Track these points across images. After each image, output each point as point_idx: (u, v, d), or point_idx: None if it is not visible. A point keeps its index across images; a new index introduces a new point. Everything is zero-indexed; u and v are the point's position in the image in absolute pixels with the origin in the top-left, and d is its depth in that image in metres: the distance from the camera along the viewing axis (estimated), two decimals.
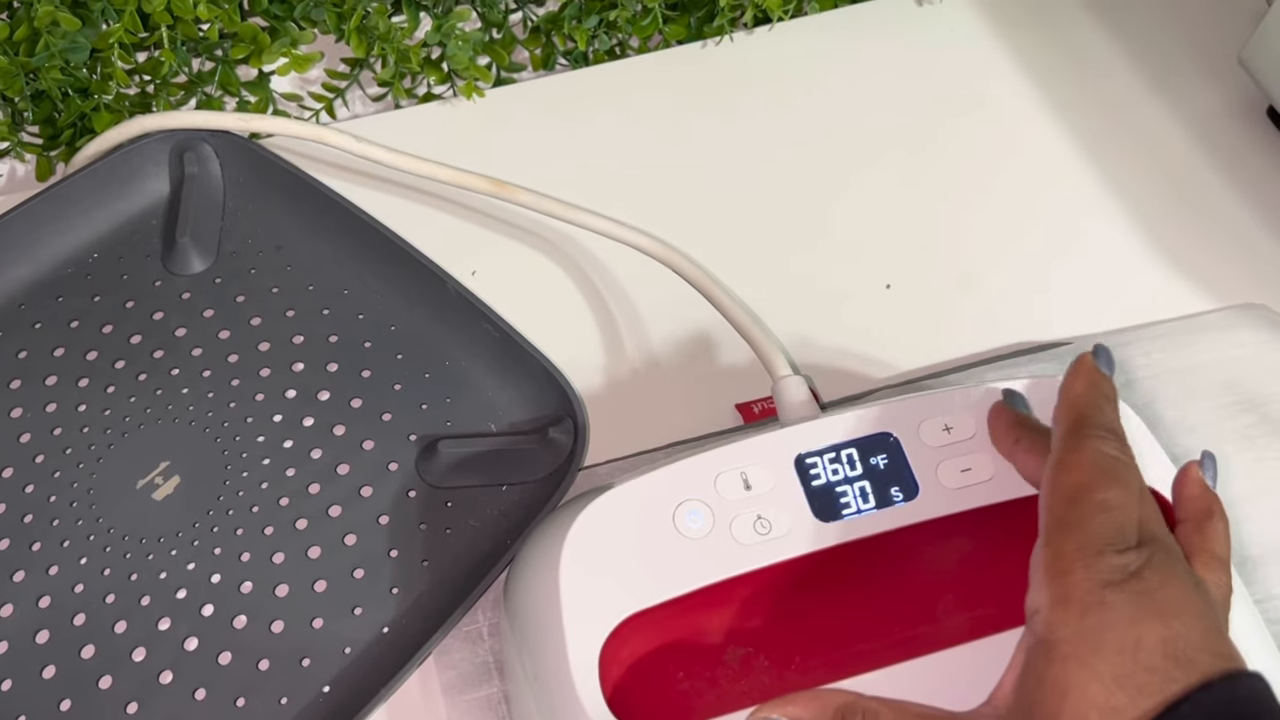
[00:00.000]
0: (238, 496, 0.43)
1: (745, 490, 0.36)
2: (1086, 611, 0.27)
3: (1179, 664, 0.27)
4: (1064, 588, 0.28)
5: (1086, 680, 0.27)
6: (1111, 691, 0.26)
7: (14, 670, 0.39)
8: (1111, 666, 0.27)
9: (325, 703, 0.39)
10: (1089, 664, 0.27)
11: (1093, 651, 0.27)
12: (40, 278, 0.47)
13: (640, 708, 0.33)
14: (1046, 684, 0.27)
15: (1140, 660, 0.27)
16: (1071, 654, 0.27)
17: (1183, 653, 0.27)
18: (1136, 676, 0.26)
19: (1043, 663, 0.28)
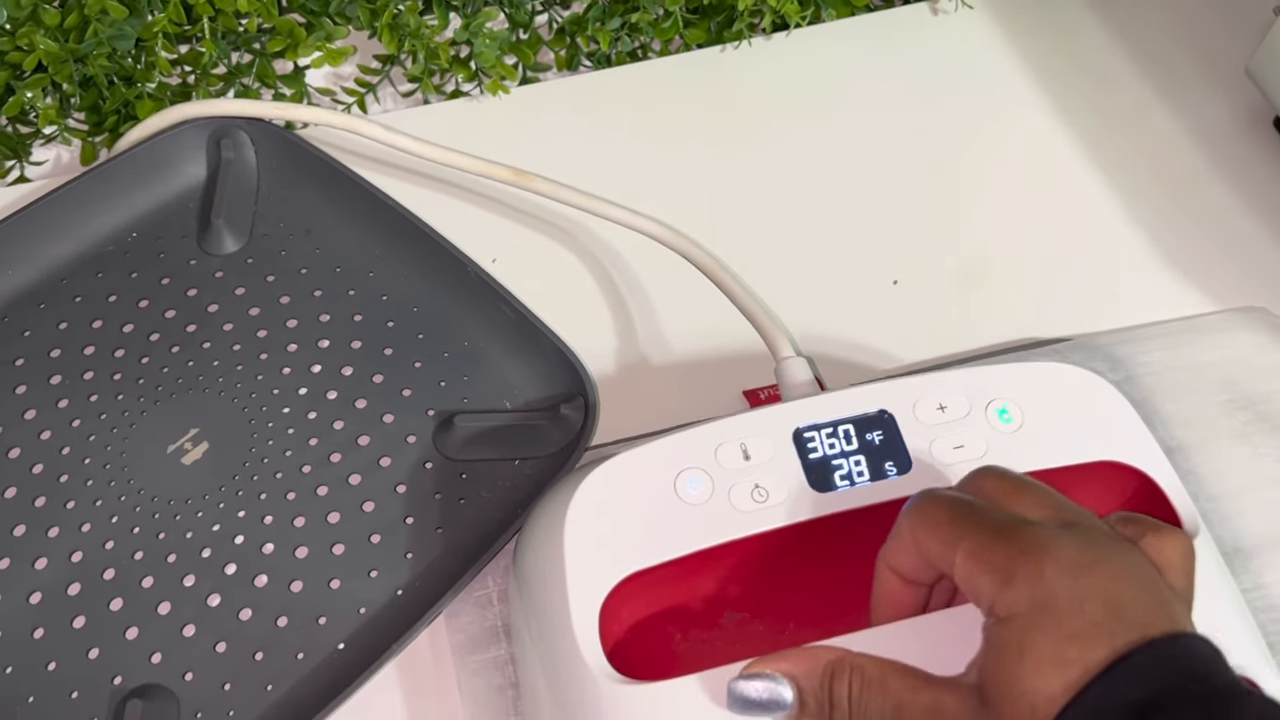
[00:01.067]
0: (262, 463, 0.45)
1: (744, 460, 0.38)
2: (1033, 587, 0.29)
3: (1122, 620, 0.28)
4: (1007, 572, 0.29)
5: (1040, 640, 0.28)
6: (1063, 646, 0.28)
7: (47, 619, 0.41)
8: (1061, 625, 0.28)
9: (340, 659, 0.41)
10: (1041, 626, 0.28)
11: (1044, 615, 0.28)
12: (82, 254, 0.49)
13: (639, 664, 0.35)
14: (1007, 651, 0.28)
15: (1086, 617, 0.28)
16: (1026, 623, 0.28)
17: (1125, 611, 0.28)
18: (1084, 631, 0.28)
19: (1002, 635, 0.29)
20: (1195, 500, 0.46)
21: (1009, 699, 0.28)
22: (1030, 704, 0.27)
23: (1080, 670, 0.27)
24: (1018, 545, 0.30)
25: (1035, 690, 0.27)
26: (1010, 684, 0.28)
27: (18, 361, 0.47)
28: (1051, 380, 0.40)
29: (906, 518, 0.33)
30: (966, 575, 0.30)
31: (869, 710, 0.30)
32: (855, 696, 0.30)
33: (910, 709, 0.30)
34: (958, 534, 0.31)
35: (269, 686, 0.41)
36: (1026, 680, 0.28)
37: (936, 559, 0.31)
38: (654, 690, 0.33)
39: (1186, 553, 0.31)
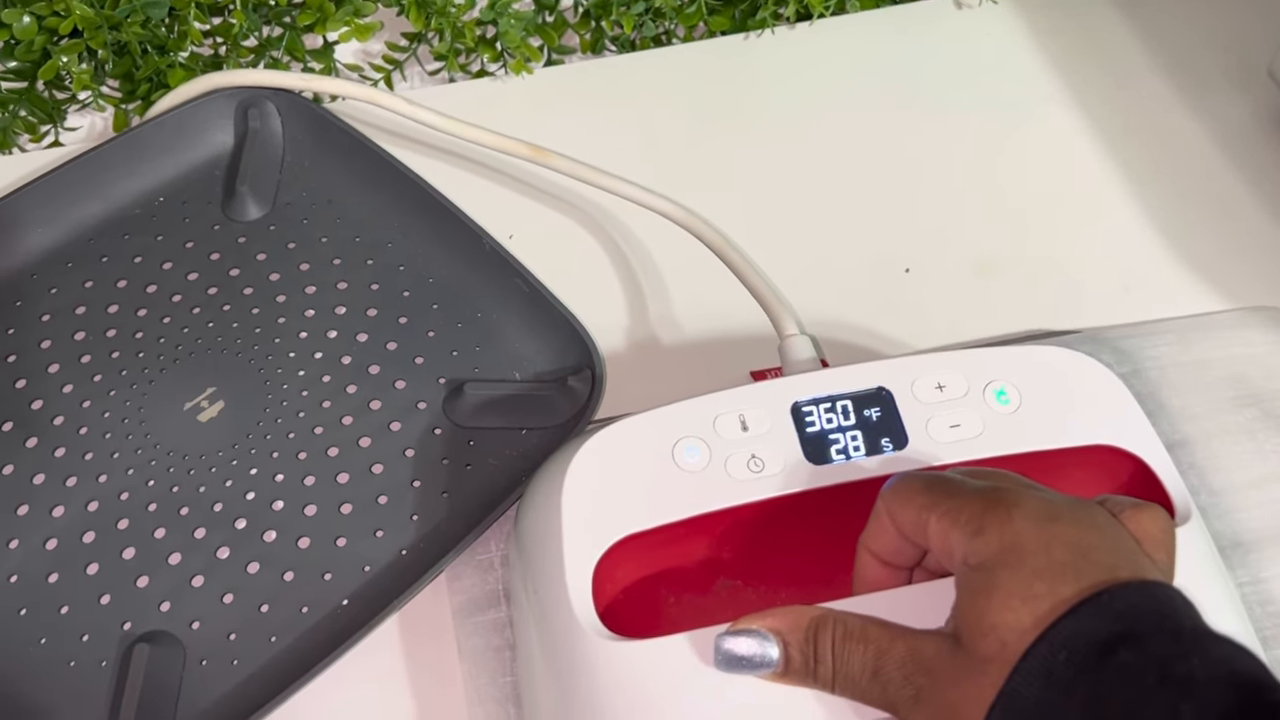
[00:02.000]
0: (276, 423, 0.46)
1: (742, 431, 0.38)
2: (1002, 533, 0.30)
3: (1089, 560, 0.29)
4: (977, 525, 0.30)
5: (1009, 578, 0.29)
6: (1030, 582, 0.28)
7: (61, 565, 0.42)
8: (1029, 564, 0.29)
9: (343, 614, 0.42)
10: (1008, 565, 0.29)
11: (1012, 557, 0.29)
12: (110, 216, 0.51)
13: (631, 624, 0.35)
14: (977, 591, 0.29)
15: (1054, 556, 0.29)
16: (994, 565, 0.29)
17: (1091, 554, 0.29)
18: (1051, 570, 0.29)
19: (973, 579, 0.30)
20: (1196, 494, 0.47)
21: (979, 634, 0.28)
22: (1000, 638, 0.28)
23: (1049, 604, 0.28)
24: (988, 501, 0.31)
25: (1004, 624, 0.28)
26: (979, 620, 0.29)
27: (44, 317, 0.48)
28: (1050, 364, 0.40)
29: (883, 497, 0.34)
30: (940, 535, 0.31)
31: (851, 660, 0.31)
32: (838, 648, 0.31)
33: (889, 656, 0.30)
34: (933, 500, 0.31)
35: (273, 638, 0.42)
36: (995, 614, 0.28)
37: (911, 530, 0.32)
38: (642, 647, 0.34)
39: (1165, 527, 0.32)
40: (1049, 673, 0.27)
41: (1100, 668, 0.27)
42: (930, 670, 0.29)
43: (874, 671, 0.30)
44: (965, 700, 0.28)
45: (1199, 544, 0.37)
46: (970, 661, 0.29)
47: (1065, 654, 0.27)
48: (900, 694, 0.30)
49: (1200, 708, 0.26)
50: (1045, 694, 0.27)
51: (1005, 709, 0.27)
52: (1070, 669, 0.27)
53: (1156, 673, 0.26)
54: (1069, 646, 0.27)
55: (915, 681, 0.30)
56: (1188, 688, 0.26)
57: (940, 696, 0.29)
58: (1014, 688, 0.27)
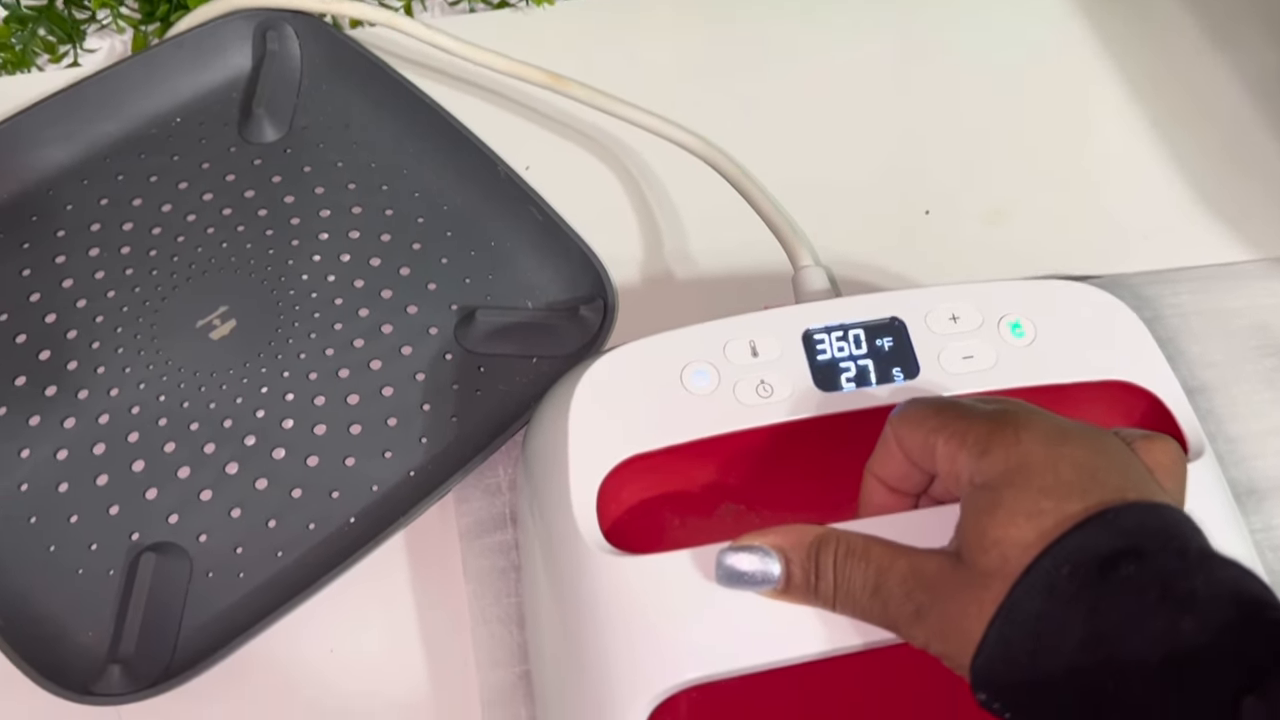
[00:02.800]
0: (287, 344, 0.46)
1: (752, 357, 0.38)
2: (1009, 453, 0.29)
3: (1096, 481, 0.28)
4: (984, 445, 0.30)
5: (1014, 496, 0.28)
6: (1037, 500, 0.28)
7: (71, 475, 0.43)
8: (1035, 482, 0.28)
9: (349, 532, 0.42)
10: (1015, 482, 0.29)
11: (1019, 476, 0.29)
12: (126, 134, 0.51)
13: (634, 543, 0.35)
14: (981, 509, 0.29)
15: (1060, 475, 0.28)
16: (1000, 483, 0.29)
17: (1099, 475, 0.28)
18: (1058, 488, 0.28)
19: (978, 497, 0.29)
20: (1213, 441, 0.46)
21: (981, 550, 0.28)
22: (1002, 553, 0.28)
23: (1054, 520, 0.28)
24: (996, 423, 0.30)
25: (1007, 539, 0.28)
26: (982, 535, 0.28)
27: (59, 233, 0.48)
28: (1067, 299, 0.39)
29: (891, 422, 0.33)
30: (947, 457, 0.30)
31: (852, 577, 0.31)
32: (840, 565, 0.31)
33: (890, 573, 0.30)
34: (942, 422, 0.31)
35: (279, 553, 0.42)
36: (999, 530, 0.28)
37: (919, 454, 0.32)
38: (644, 562, 0.34)
39: (1177, 458, 0.31)
40: (1051, 586, 0.27)
41: (1102, 582, 0.26)
42: (931, 587, 0.29)
43: (875, 588, 0.30)
44: (965, 615, 0.28)
45: (1211, 480, 0.36)
46: (972, 576, 0.28)
47: (1069, 568, 0.27)
48: (901, 610, 0.30)
49: (1201, 622, 0.25)
50: (1046, 607, 0.27)
51: (1006, 621, 0.27)
52: (1073, 583, 0.27)
53: (1159, 588, 0.26)
54: (1072, 560, 0.27)
55: (916, 598, 0.29)
56: (1190, 603, 0.26)
57: (940, 611, 0.29)
58: (1015, 600, 0.27)
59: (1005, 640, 0.27)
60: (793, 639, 0.32)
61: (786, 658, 0.32)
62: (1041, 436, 0.29)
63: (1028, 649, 0.27)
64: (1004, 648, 0.27)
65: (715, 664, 0.32)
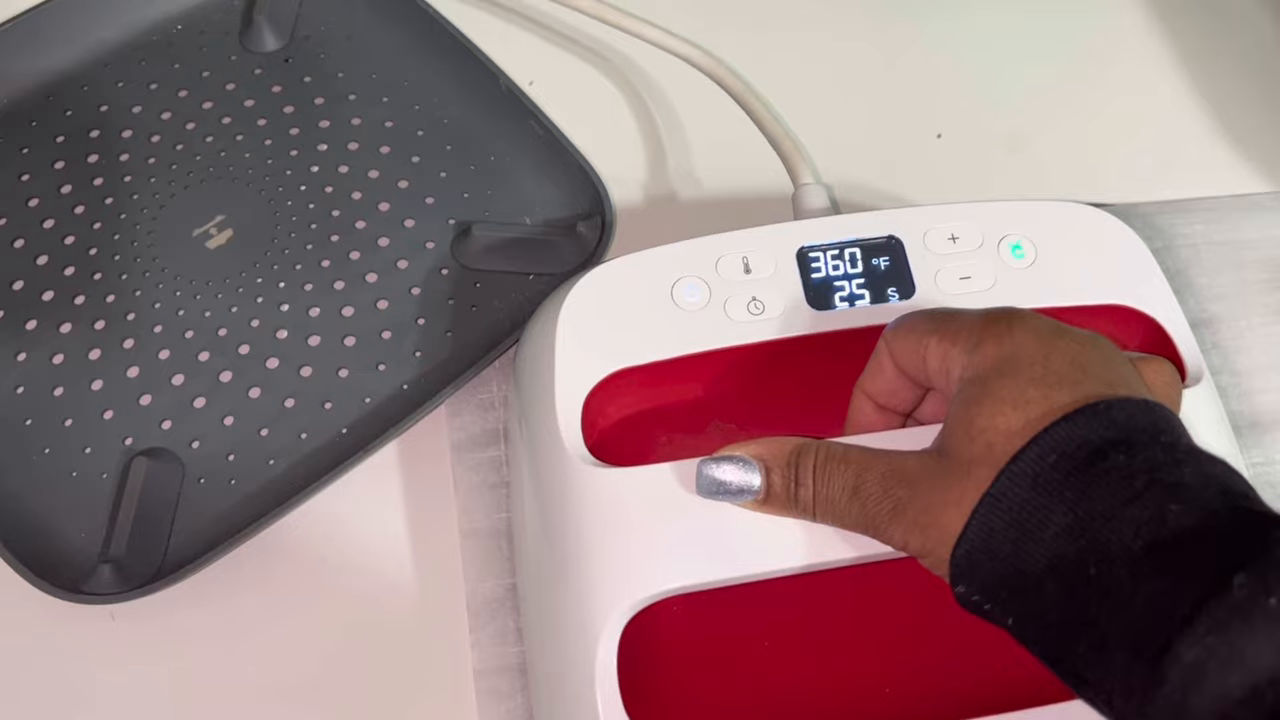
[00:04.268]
0: (283, 254, 0.46)
1: (744, 273, 0.37)
2: (1000, 345, 0.29)
3: (1088, 374, 0.28)
4: (976, 340, 0.29)
5: (1002, 385, 0.28)
6: (1025, 389, 0.27)
7: (66, 380, 0.43)
8: (1025, 373, 0.28)
9: (341, 442, 0.42)
10: (1005, 373, 0.28)
11: (1008, 366, 0.28)
12: (126, 41, 0.50)
13: (620, 456, 0.35)
14: (969, 401, 0.28)
15: (1051, 367, 0.28)
16: (989, 373, 0.28)
17: (1091, 369, 0.28)
18: (1048, 379, 0.28)
19: (967, 389, 0.29)
20: (1218, 374, 0.46)
21: (967, 439, 0.28)
22: (987, 441, 0.27)
23: (1042, 410, 0.27)
24: (989, 318, 0.30)
25: (993, 427, 0.27)
26: (969, 425, 0.28)
27: (58, 138, 0.48)
28: (1070, 221, 0.39)
29: (885, 336, 0.33)
30: (939, 356, 0.30)
31: (832, 481, 0.30)
32: (819, 470, 0.31)
33: (870, 472, 0.30)
34: (934, 327, 0.31)
35: (271, 461, 0.42)
36: (985, 419, 0.28)
37: (910, 361, 0.31)
38: (626, 474, 0.33)
39: (1171, 380, 0.31)
40: (1037, 475, 0.26)
41: (1090, 470, 0.26)
42: (911, 482, 0.29)
43: (854, 489, 0.30)
44: (945, 505, 0.28)
45: (1208, 407, 0.36)
46: (954, 466, 0.28)
47: (1055, 456, 0.26)
48: (879, 508, 0.29)
49: (1188, 508, 0.25)
50: (1032, 494, 0.26)
51: (990, 509, 0.27)
52: (1059, 471, 0.26)
53: (1146, 476, 0.26)
54: (1059, 450, 0.26)
55: (894, 494, 0.29)
56: (1177, 490, 0.25)
57: (920, 504, 0.28)
58: (1000, 488, 0.27)
59: (988, 529, 0.27)
60: (771, 552, 0.32)
61: (764, 571, 0.32)
62: (1034, 329, 0.29)
63: (1011, 537, 0.26)
64: (986, 536, 0.27)
65: (692, 576, 0.32)
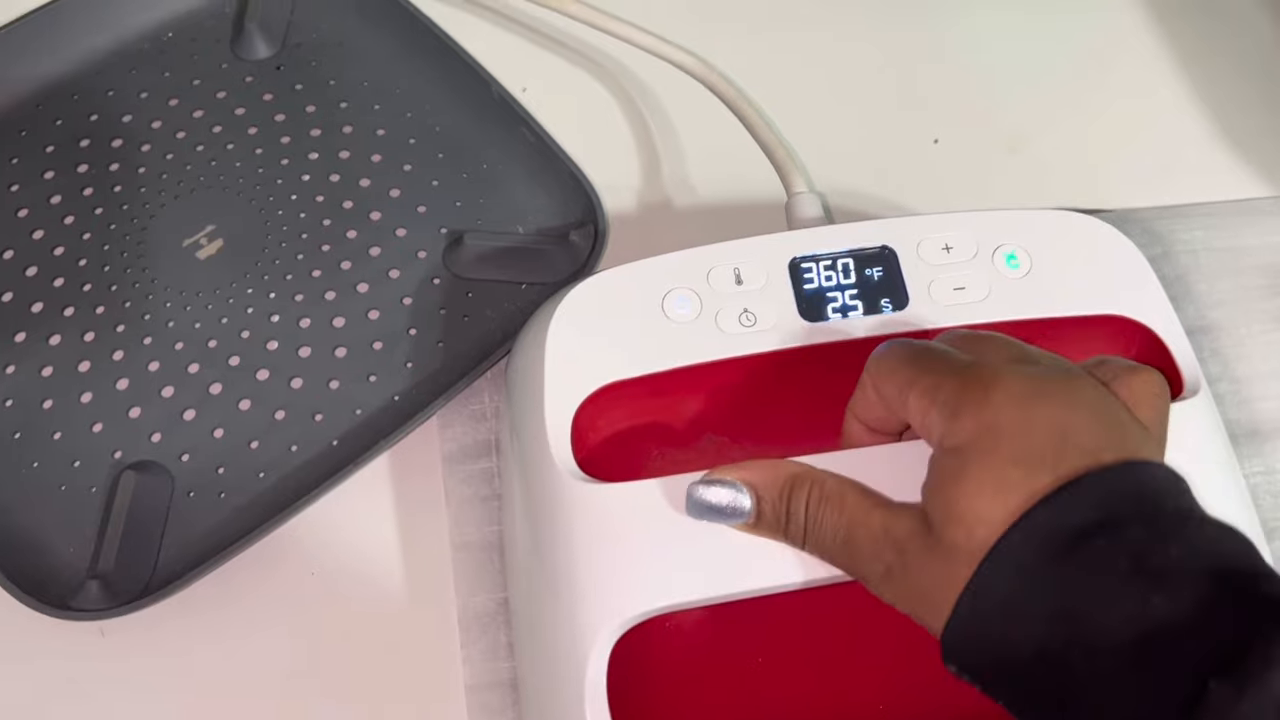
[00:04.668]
0: (274, 264, 0.45)
1: (736, 285, 0.37)
2: (979, 415, 0.28)
3: (1069, 446, 0.27)
4: (955, 405, 0.28)
5: (981, 463, 0.27)
6: (1005, 471, 0.27)
7: (56, 392, 0.43)
8: (1005, 449, 0.27)
9: (332, 455, 0.42)
10: (984, 449, 0.27)
11: (988, 440, 0.27)
12: (116, 49, 0.50)
13: (612, 472, 0.35)
14: (948, 476, 0.28)
15: (1032, 442, 0.27)
16: (969, 449, 0.28)
17: (1074, 438, 0.27)
18: (1028, 457, 0.27)
19: (946, 463, 0.28)
20: (1218, 382, 0.45)
21: (948, 522, 0.27)
22: (968, 527, 0.27)
23: (1023, 495, 0.26)
24: (965, 380, 0.29)
25: (973, 512, 0.27)
26: (949, 506, 0.27)
27: (48, 148, 0.47)
28: (1065, 230, 0.38)
29: (868, 369, 0.32)
30: (920, 413, 0.29)
31: (824, 525, 0.30)
32: (812, 510, 0.30)
33: (863, 529, 0.29)
34: (913, 376, 0.30)
35: (261, 474, 0.42)
36: (965, 501, 0.27)
37: (894, 403, 0.31)
38: (615, 490, 0.33)
39: (1159, 391, 0.30)
40: (1019, 564, 0.26)
41: (1072, 556, 0.25)
42: (901, 549, 0.28)
43: (845, 540, 0.29)
44: (935, 585, 0.27)
45: (1205, 420, 0.35)
46: (939, 547, 0.27)
47: (1037, 543, 0.26)
48: (870, 569, 0.29)
49: (1173, 598, 0.24)
50: (1015, 584, 0.26)
51: (975, 597, 0.26)
52: (1041, 559, 0.26)
53: (1130, 561, 0.25)
54: (1040, 535, 0.26)
55: (885, 559, 0.29)
56: (1161, 577, 0.25)
57: (909, 578, 0.28)
58: (983, 579, 0.26)
59: (975, 616, 0.26)
60: (764, 570, 0.32)
61: (757, 588, 0.32)
62: (1013, 394, 0.28)
63: (997, 624, 0.26)
64: (973, 624, 0.26)
65: (683, 594, 0.32)
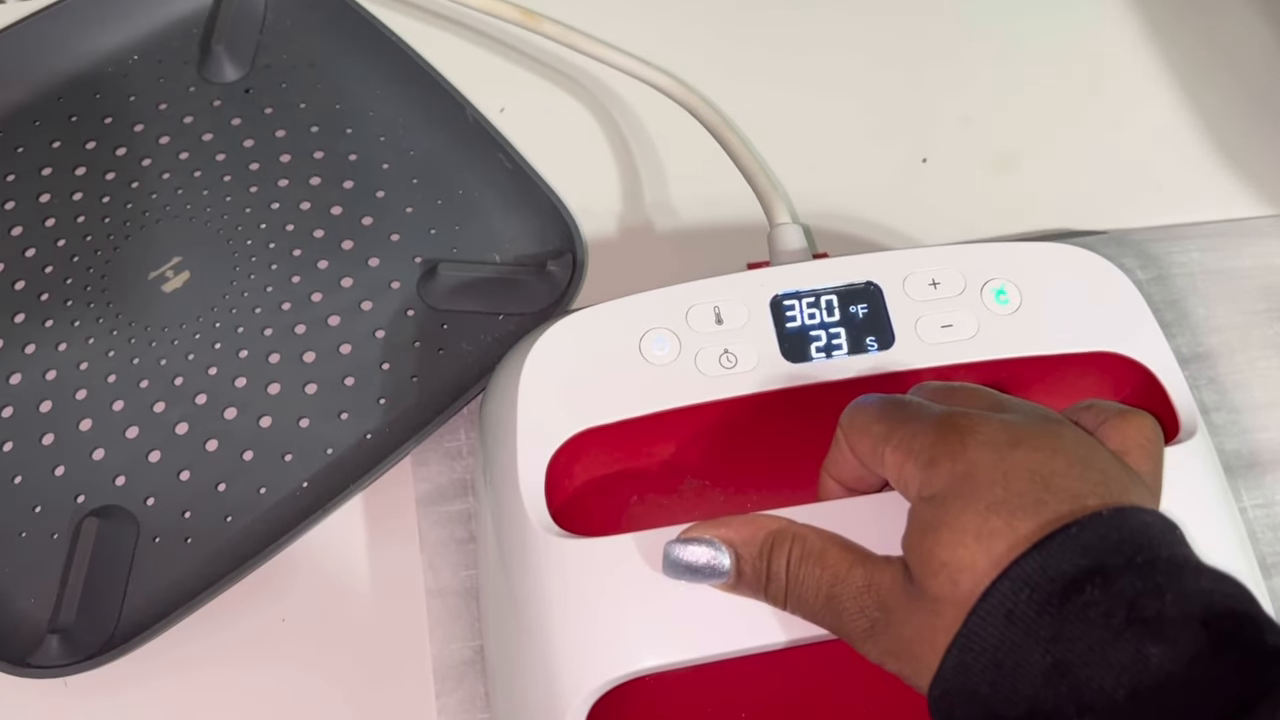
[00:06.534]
0: (242, 297, 0.44)
1: (716, 324, 0.36)
2: (955, 463, 0.27)
3: (1050, 491, 0.26)
4: (931, 455, 0.27)
5: (961, 511, 0.26)
6: (986, 518, 0.26)
7: (15, 433, 0.41)
8: (984, 497, 0.26)
9: (302, 497, 0.41)
10: (963, 497, 0.26)
11: (965, 487, 0.26)
12: (80, 73, 0.48)
13: (590, 521, 0.34)
14: (927, 526, 0.27)
15: (1011, 487, 0.26)
16: (947, 496, 0.27)
17: (1054, 482, 0.26)
18: (1008, 502, 0.26)
19: (923, 512, 0.27)
20: (1214, 411, 0.44)
21: (929, 572, 0.26)
22: (950, 577, 0.26)
23: (1008, 542, 0.25)
24: (941, 430, 0.28)
25: (955, 561, 0.26)
26: (929, 557, 0.26)
27: (9, 177, 0.46)
28: (1057, 263, 0.37)
29: (841, 426, 0.31)
30: (896, 467, 0.28)
31: (805, 582, 0.29)
32: (793, 568, 0.29)
33: (846, 584, 0.28)
34: (888, 430, 0.29)
35: (228, 518, 0.40)
36: (946, 551, 0.26)
37: (869, 459, 0.30)
38: (590, 545, 0.32)
39: (1152, 435, 0.29)
40: (1009, 613, 0.25)
41: (1064, 607, 0.24)
42: (885, 604, 0.27)
43: (828, 598, 0.28)
44: (919, 640, 0.26)
45: (1202, 463, 0.34)
46: (922, 599, 0.26)
47: (1028, 592, 0.25)
48: (854, 625, 0.28)
49: (1170, 651, 0.23)
50: (1006, 636, 0.25)
51: (963, 650, 0.25)
52: (1032, 609, 0.25)
53: (1125, 613, 0.24)
54: (1031, 585, 0.25)
55: (869, 614, 0.27)
56: (1158, 628, 0.24)
57: (894, 633, 0.27)
58: (971, 629, 0.25)
59: (963, 669, 0.25)
60: (747, 630, 0.31)
61: (740, 649, 0.31)
62: (990, 442, 0.27)
63: (988, 679, 0.25)
64: (961, 678, 0.25)
65: (663, 655, 0.31)
